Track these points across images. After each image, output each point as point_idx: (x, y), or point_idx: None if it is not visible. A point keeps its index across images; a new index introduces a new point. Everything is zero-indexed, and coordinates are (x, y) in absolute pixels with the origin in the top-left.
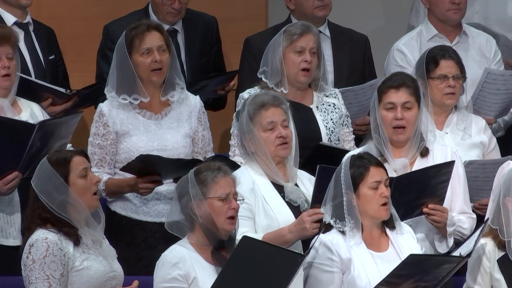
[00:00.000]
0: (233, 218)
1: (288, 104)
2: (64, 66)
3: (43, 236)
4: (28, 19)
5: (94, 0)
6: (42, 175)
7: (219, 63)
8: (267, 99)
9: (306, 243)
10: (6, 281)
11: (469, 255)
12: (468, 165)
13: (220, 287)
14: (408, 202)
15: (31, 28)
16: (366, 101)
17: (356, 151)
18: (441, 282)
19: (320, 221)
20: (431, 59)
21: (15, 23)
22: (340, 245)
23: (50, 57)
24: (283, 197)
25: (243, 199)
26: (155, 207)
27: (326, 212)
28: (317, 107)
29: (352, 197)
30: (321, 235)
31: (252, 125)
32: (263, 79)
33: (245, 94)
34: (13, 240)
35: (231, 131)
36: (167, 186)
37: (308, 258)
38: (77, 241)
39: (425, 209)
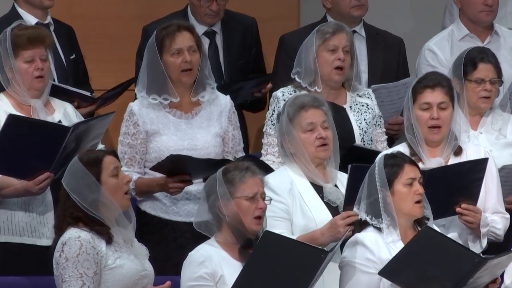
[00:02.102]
0: (260, 218)
1: (328, 105)
2: (84, 64)
3: (76, 235)
4: (48, 19)
5: (127, 0)
6: (73, 174)
7: (259, 64)
8: (307, 100)
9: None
10: (40, 281)
11: (492, 258)
12: (501, 170)
13: (243, 282)
14: (441, 200)
15: (51, 28)
16: (399, 99)
17: (389, 151)
18: (462, 283)
19: (353, 223)
20: (469, 61)
21: (36, 24)
22: (379, 245)
23: (71, 57)
24: (322, 197)
25: (271, 199)
26: (184, 206)
27: (360, 210)
28: (350, 107)
29: (387, 194)
30: (359, 234)
31: (291, 127)
32: (297, 79)
33: (279, 93)
34: (46, 240)
35: (264, 129)
36: (197, 186)
37: (345, 257)
38: (109, 240)
39: (458, 209)
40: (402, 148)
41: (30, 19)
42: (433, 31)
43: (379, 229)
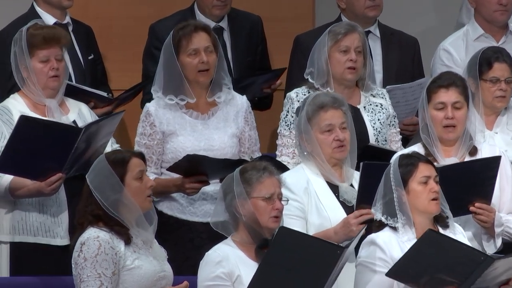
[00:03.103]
0: (276, 217)
1: (348, 105)
2: (103, 65)
3: (94, 235)
4: (67, 19)
5: (140, 0)
6: (99, 172)
7: (265, 62)
8: (327, 100)
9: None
10: (53, 281)
11: (501, 258)
12: None
13: (259, 278)
14: (454, 198)
15: (70, 28)
16: (414, 100)
17: (405, 151)
18: (469, 281)
19: (366, 222)
20: (484, 61)
21: (55, 24)
22: (393, 245)
23: (90, 57)
24: (338, 197)
25: (288, 200)
26: (201, 207)
27: (376, 211)
28: (364, 107)
29: (402, 193)
30: (373, 234)
31: (309, 126)
32: (310, 79)
33: (293, 94)
34: (61, 240)
35: (278, 130)
36: (214, 186)
37: (360, 257)
38: (128, 240)
39: (472, 208)
40: (417, 148)
41: (49, 18)
42: (448, 30)
43: (395, 229)
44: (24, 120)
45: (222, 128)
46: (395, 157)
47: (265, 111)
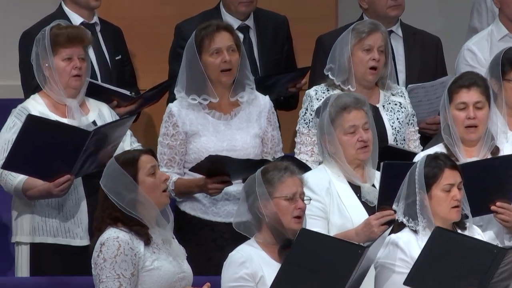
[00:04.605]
0: (299, 217)
1: (369, 105)
2: (131, 66)
3: (114, 235)
4: (95, 19)
5: (164, 0)
6: (110, 175)
7: (290, 61)
8: (349, 101)
9: None
10: (73, 281)
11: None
12: None
13: (281, 280)
14: (475, 197)
15: (98, 28)
16: (436, 99)
17: (429, 151)
18: (486, 279)
19: (387, 223)
20: (506, 61)
21: (82, 24)
22: (412, 245)
23: (117, 58)
24: (360, 197)
25: (310, 199)
26: (224, 207)
27: (398, 211)
28: (383, 106)
29: (424, 197)
30: (393, 235)
31: (332, 128)
32: (330, 76)
33: (312, 92)
34: (80, 240)
35: (296, 128)
36: (236, 187)
37: (380, 258)
38: (147, 241)
39: (493, 207)
40: (439, 148)
41: (76, 18)
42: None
43: (415, 231)
44: (31, 119)
45: (244, 128)
46: (421, 157)
47: (289, 111)
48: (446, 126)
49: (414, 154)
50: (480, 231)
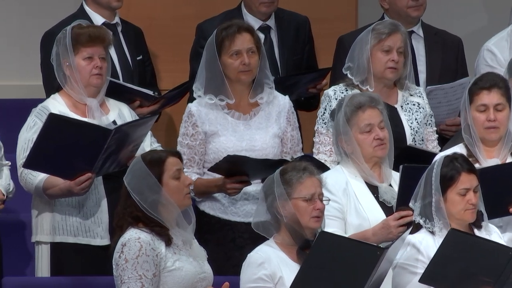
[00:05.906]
0: (318, 217)
1: (383, 104)
2: (152, 66)
3: (136, 236)
4: (116, 19)
5: (184, 0)
6: (135, 173)
7: (311, 62)
8: (364, 100)
9: None
10: (94, 281)
11: None
12: None
13: (300, 282)
14: (494, 199)
15: (119, 29)
16: (456, 100)
17: (448, 152)
18: (503, 278)
19: (405, 224)
20: None
21: (104, 24)
22: (429, 246)
23: (138, 58)
24: (377, 197)
25: (329, 200)
26: (243, 207)
27: (415, 210)
28: (401, 106)
29: (440, 199)
30: (410, 236)
31: (348, 127)
32: (349, 75)
33: (330, 92)
34: (101, 240)
35: (315, 128)
36: (255, 187)
37: (397, 258)
38: (168, 242)
39: (511, 209)
40: (459, 149)
41: (98, 18)
42: (492, 30)
43: (432, 232)
44: (52, 118)
45: (264, 128)
46: (439, 158)
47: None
48: (467, 126)
49: (434, 154)
50: (497, 230)
